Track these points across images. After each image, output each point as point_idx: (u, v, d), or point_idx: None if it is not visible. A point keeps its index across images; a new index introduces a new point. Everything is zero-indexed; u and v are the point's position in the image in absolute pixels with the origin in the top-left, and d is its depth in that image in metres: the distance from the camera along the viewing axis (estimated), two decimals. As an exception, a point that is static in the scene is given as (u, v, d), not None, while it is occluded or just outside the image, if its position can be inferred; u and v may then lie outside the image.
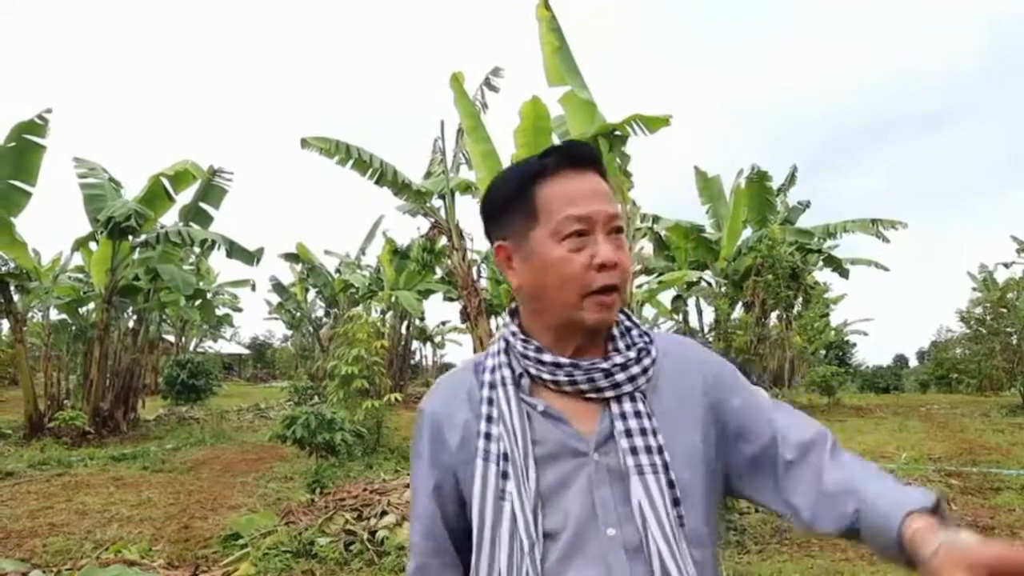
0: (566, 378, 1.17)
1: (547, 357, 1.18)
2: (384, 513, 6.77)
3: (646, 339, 1.23)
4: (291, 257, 25.52)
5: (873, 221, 20.24)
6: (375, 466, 9.99)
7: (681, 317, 23.50)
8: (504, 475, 1.14)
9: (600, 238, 1.16)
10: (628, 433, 1.14)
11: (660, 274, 20.58)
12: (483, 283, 18.92)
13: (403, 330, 25.33)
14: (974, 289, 26.85)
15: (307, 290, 27.91)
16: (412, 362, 31.13)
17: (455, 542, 1.24)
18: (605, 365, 1.16)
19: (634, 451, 1.13)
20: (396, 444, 11.54)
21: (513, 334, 1.24)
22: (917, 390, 34.50)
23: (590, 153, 1.22)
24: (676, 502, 1.11)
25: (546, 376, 1.18)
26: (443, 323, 37.29)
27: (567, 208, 1.16)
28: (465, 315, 12.89)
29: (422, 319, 27.28)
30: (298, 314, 29.39)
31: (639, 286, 20.13)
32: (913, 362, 53.47)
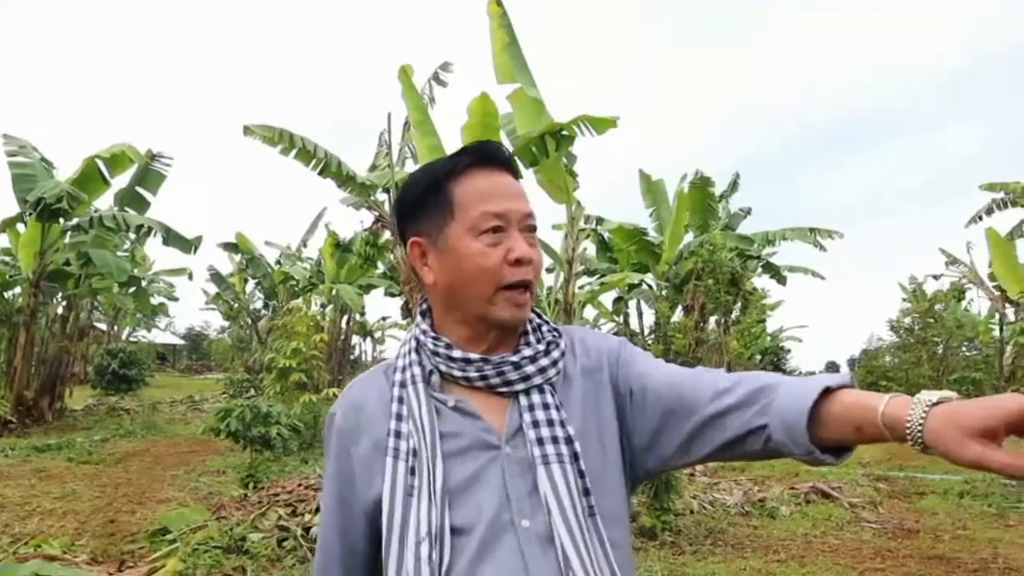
0: (476, 373, 1.18)
1: (456, 353, 1.19)
2: (319, 509, 6.65)
3: (555, 333, 1.26)
4: (230, 247, 24.97)
5: (811, 230, 20.71)
6: (311, 461, 9.84)
7: (622, 319, 23.69)
8: (412, 471, 1.14)
9: (515, 235, 1.19)
10: (535, 424, 1.15)
11: (602, 276, 20.72)
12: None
13: (343, 324, 25.00)
14: (904, 300, 27.69)
15: (246, 281, 27.32)
16: (351, 357, 30.77)
17: (364, 546, 1.23)
18: (514, 359, 1.18)
19: (540, 442, 1.14)
20: (333, 440, 11.37)
21: (424, 332, 1.24)
22: (847, 396, 35.33)
23: (503, 153, 1.24)
24: (586, 491, 1.13)
25: (456, 372, 1.19)
26: (384, 318, 37.00)
27: (484, 204, 1.18)
28: (406, 311, 12.79)
29: (363, 314, 26.99)
30: (236, 305, 28.75)
31: (581, 287, 20.28)
32: (844, 369, 54.78)
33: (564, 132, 10.59)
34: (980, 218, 18.92)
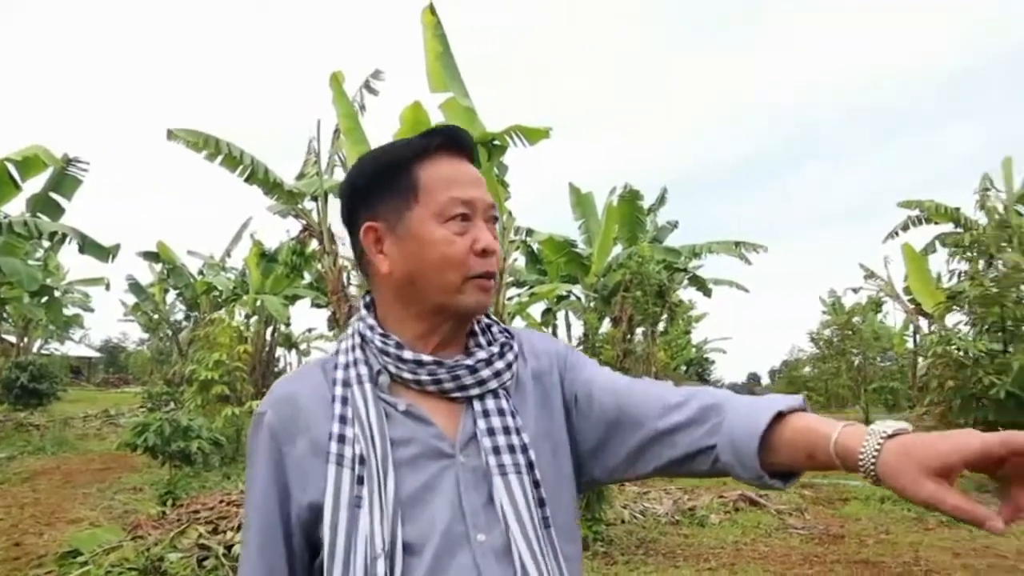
0: (429, 377, 1.11)
1: (408, 355, 1.11)
2: (242, 526, 6.43)
3: (507, 334, 1.20)
4: (150, 256, 24.20)
5: (736, 243, 21.15)
6: (233, 476, 9.52)
7: (550, 330, 23.78)
8: (360, 480, 1.04)
9: (481, 224, 1.14)
10: (491, 432, 1.09)
11: (531, 287, 20.75)
12: (353, 290, 18.55)
13: (268, 336, 24.45)
14: (824, 312, 28.52)
15: (166, 291, 26.46)
16: (276, 369, 30.14)
17: (292, 565, 1.11)
18: (469, 362, 1.12)
19: (497, 451, 1.08)
20: (257, 454, 11.05)
21: (371, 328, 1.15)
22: (769, 406, 36.17)
23: (470, 140, 1.19)
24: (542, 502, 1.08)
25: (407, 375, 1.11)
26: (309, 330, 36.33)
27: (452, 190, 1.12)
28: (334, 322, 12.54)
29: (288, 325, 26.44)
30: (156, 316, 27.83)
31: (510, 298, 20.27)
32: (765, 380, 56.24)
33: (496, 142, 10.59)
34: (897, 234, 19.64)
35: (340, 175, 12.71)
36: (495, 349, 1.15)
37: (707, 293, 24.38)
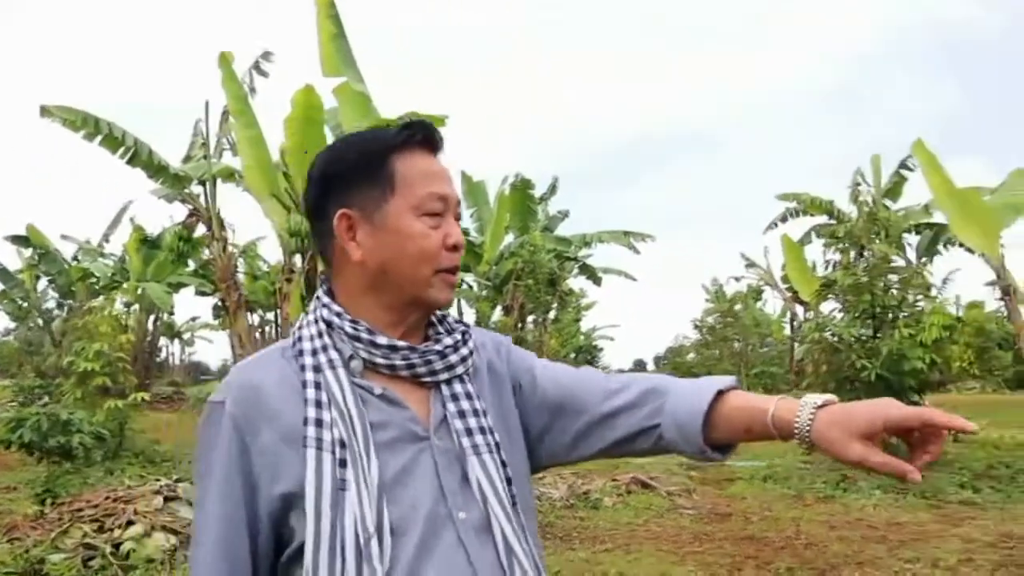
0: (403, 362, 1.13)
1: (382, 340, 1.12)
2: (130, 523, 6.19)
3: (462, 324, 1.25)
4: (19, 240, 22.83)
5: (625, 233, 21.68)
6: (117, 472, 9.11)
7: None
8: (343, 463, 1.04)
9: (451, 220, 1.17)
10: (462, 414, 1.14)
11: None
12: (241, 277, 18.00)
13: (149, 325, 23.48)
14: (707, 300, 29.57)
15: (37, 278, 24.96)
16: (158, 360, 28.97)
17: (255, 562, 1.09)
18: (439, 348, 1.15)
19: (469, 432, 1.13)
20: (141, 447, 10.62)
21: (338, 315, 1.14)
22: (655, 391, 37.26)
23: (442, 138, 1.21)
24: (509, 481, 1.13)
25: (379, 360, 1.12)
26: (193, 319, 35.09)
27: (430, 185, 1.15)
28: (223, 310, 12.17)
29: (171, 314, 25.45)
30: (25, 304, 26.25)
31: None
32: (650, 366, 57.90)
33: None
34: (776, 225, 20.54)
35: (228, 159, 12.33)
36: (458, 336, 1.19)
37: (597, 282, 24.89)
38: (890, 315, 10.51)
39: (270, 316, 27.34)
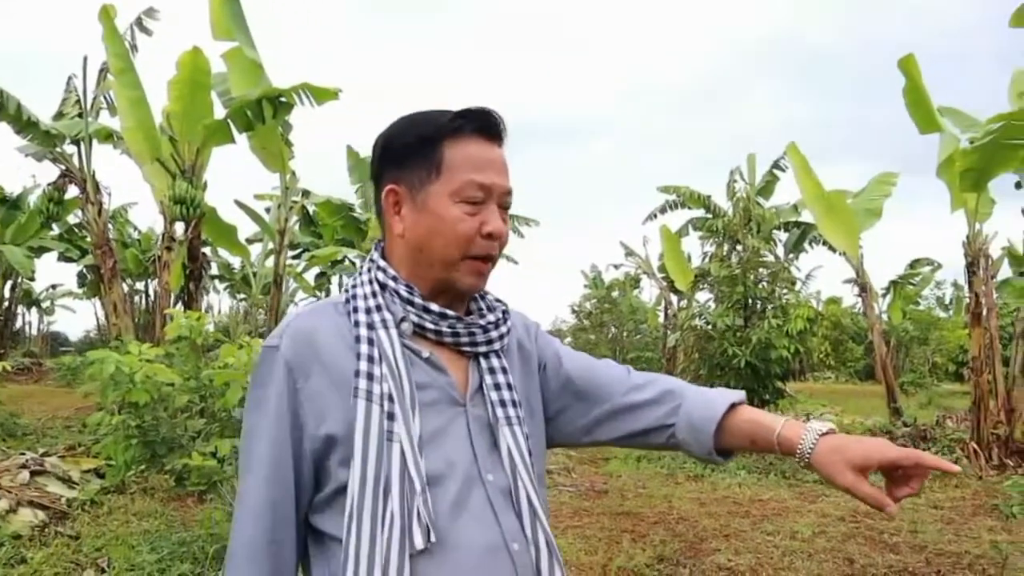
0: (449, 330, 1.22)
1: (434, 307, 1.21)
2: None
3: (502, 304, 1.34)
4: None
5: (511, 216, 21.90)
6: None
7: (324, 294, 23.37)
8: (391, 416, 1.11)
9: (493, 208, 1.22)
10: (497, 387, 1.23)
11: (306, 249, 20.29)
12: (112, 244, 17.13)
13: (6, 292, 22.02)
14: (585, 286, 30.22)
15: None
16: (14, 328, 27.17)
17: (298, 494, 1.16)
18: (482, 322, 1.24)
19: (503, 404, 1.22)
20: (1, 421, 10.02)
21: (394, 279, 1.22)
22: (533, 374, 37.88)
23: (503, 127, 1.25)
24: (531, 453, 1.22)
25: (428, 325, 1.21)
26: (54, 287, 33.10)
27: (472, 173, 1.20)
28: (92, 278, 11.57)
29: (32, 279, 23.94)
30: None
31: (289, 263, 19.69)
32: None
33: (283, 99, 10.22)
34: (655, 216, 21.20)
35: (106, 118, 11.71)
36: (499, 314, 1.29)
37: (481, 263, 25.05)
38: (759, 306, 11.13)
39: (139, 286, 26.11)
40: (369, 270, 1.25)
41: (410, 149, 1.22)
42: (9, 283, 21.79)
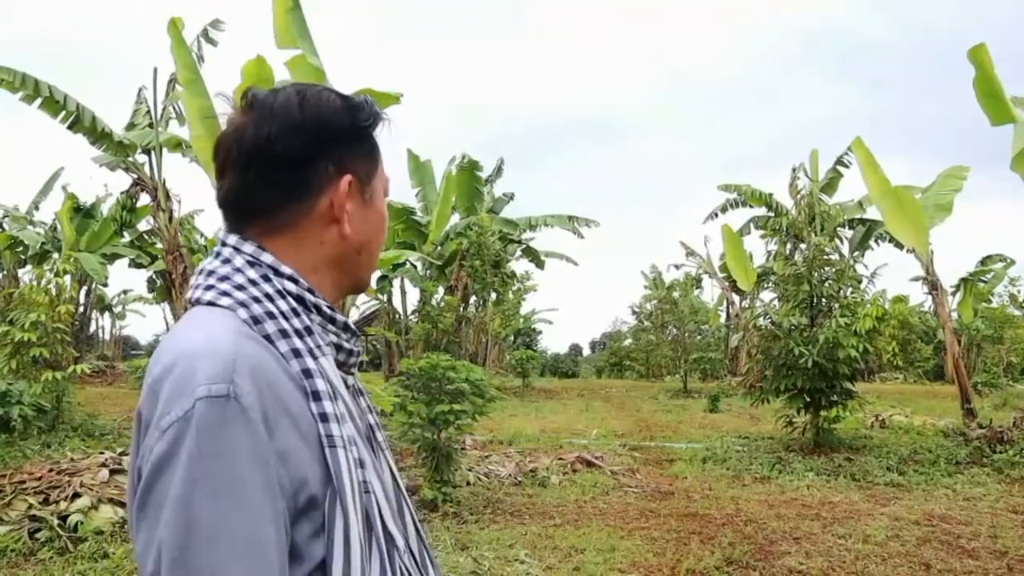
0: (358, 348, 1.05)
1: (351, 324, 1.02)
2: (76, 495, 6.11)
3: None
4: (-59, 205, 21.92)
5: (570, 217, 21.88)
6: (55, 445, 8.93)
7: (386, 297, 23.65)
8: (361, 464, 0.92)
9: None
10: (370, 407, 1.07)
11: (370, 253, 20.49)
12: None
13: (81, 297, 22.79)
14: (645, 287, 29.99)
15: (-39, 245, 24.10)
16: (89, 333, 28.14)
17: None
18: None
19: (379, 426, 1.07)
20: (80, 421, 10.39)
21: (310, 290, 0.97)
22: (593, 375, 37.88)
23: None
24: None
25: (345, 346, 1.01)
26: (125, 292, 34.21)
27: (385, 171, 1.09)
28: (168, 282, 11.93)
29: (106, 285, 24.76)
30: (-55, 272, 25.27)
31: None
32: (586, 351, 58.52)
33: (346, 105, 10.37)
34: (716, 215, 20.96)
35: (176, 128, 12.06)
36: None
37: (540, 265, 25.08)
38: (825, 305, 10.90)
39: (207, 291, 26.76)
40: (268, 278, 0.95)
41: (353, 134, 1.02)
42: (84, 289, 22.55)
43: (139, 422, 0.86)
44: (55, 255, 19.88)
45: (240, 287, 0.93)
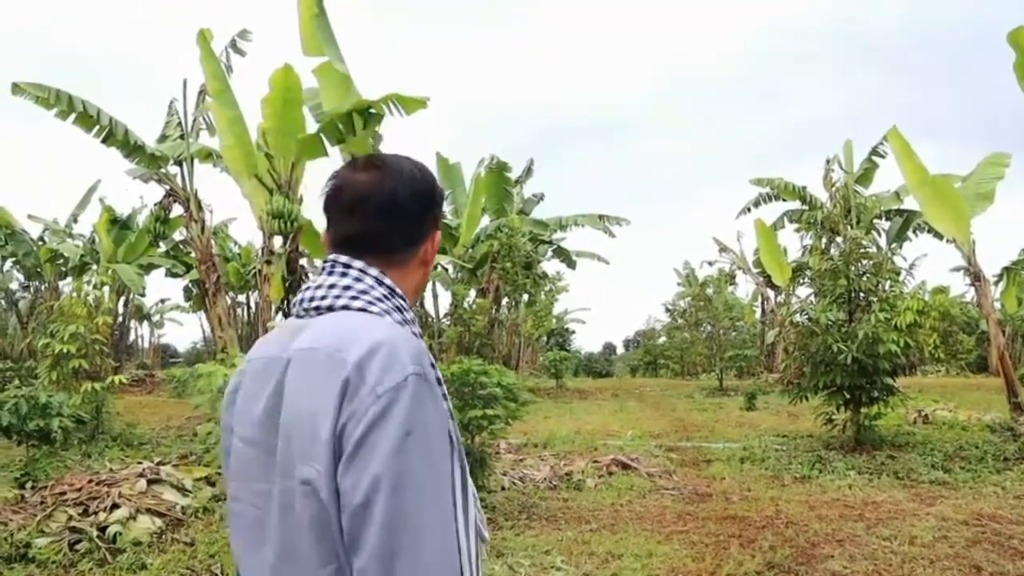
0: None
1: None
2: (115, 506, 6.16)
3: None
4: (-16, 221, 22.33)
5: (601, 216, 21.73)
6: (95, 455, 9.04)
7: (418, 301, 23.72)
8: (462, 468, 1.18)
9: None
10: None
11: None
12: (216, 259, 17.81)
13: (120, 307, 23.14)
14: (678, 284, 29.76)
15: (3, 258, 24.58)
16: (128, 343, 28.58)
17: None
18: None
19: None
20: (119, 431, 10.52)
21: (414, 321, 1.32)
22: (627, 374, 37.65)
23: None
24: None
25: None
26: (162, 301, 34.68)
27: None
28: (202, 290, 12.04)
29: (143, 295, 25.12)
30: (-10, 286, 25.80)
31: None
32: (620, 349, 58.22)
33: (372, 110, 10.40)
34: (749, 210, 20.69)
35: (205, 138, 12.17)
36: None
37: (571, 265, 24.95)
38: (864, 299, 10.69)
39: (241, 298, 27.11)
40: (391, 295, 1.28)
41: (441, 201, 1.39)
42: (122, 299, 22.91)
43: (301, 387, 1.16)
44: (94, 266, 20.21)
45: (380, 299, 1.25)
